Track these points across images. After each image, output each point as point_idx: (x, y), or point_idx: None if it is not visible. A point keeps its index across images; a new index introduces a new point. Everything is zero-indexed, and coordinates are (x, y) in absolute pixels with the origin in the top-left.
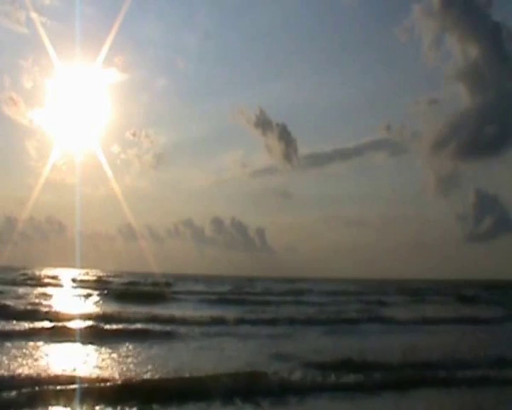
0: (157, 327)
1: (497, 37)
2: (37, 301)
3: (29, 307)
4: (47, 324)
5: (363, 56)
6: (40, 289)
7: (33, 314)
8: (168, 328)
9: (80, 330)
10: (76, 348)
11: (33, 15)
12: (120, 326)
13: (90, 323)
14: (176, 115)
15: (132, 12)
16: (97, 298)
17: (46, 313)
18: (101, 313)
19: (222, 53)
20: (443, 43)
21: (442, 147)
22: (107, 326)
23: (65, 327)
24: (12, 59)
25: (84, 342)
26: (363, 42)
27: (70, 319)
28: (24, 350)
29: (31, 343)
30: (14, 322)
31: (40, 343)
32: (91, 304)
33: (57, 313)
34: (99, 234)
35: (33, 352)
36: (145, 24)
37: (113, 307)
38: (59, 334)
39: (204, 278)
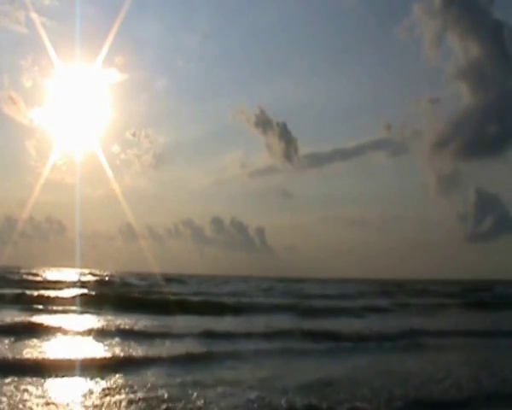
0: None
1: (498, 35)
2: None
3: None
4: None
5: (364, 56)
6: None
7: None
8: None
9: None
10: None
11: (33, 15)
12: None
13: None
14: (176, 115)
15: (132, 12)
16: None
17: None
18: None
19: (222, 53)
20: (444, 42)
21: (443, 146)
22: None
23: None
24: (12, 59)
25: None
26: (364, 41)
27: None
28: None
29: None
30: None
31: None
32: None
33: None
34: (99, 234)
35: None
36: (145, 24)
37: (118, 320)
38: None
39: (210, 278)
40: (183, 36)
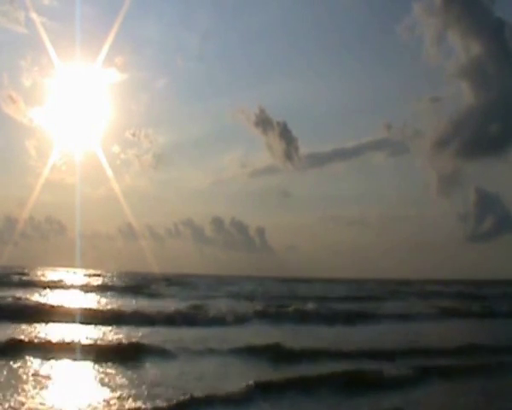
0: None
1: (500, 33)
2: None
3: None
4: None
5: (364, 55)
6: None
7: None
8: None
9: None
10: None
11: (33, 15)
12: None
13: None
14: (176, 115)
15: (132, 12)
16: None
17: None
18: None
19: (222, 53)
20: (445, 41)
21: (444, 146)
22: None
23: None
24: (11, 59)
25: None
26: (364, 41)
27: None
28: None
29: None
30: None
31: None
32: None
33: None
34: (99, 234)
35: None
36: (145, 24)
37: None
38: None
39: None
40: (183, 36)
